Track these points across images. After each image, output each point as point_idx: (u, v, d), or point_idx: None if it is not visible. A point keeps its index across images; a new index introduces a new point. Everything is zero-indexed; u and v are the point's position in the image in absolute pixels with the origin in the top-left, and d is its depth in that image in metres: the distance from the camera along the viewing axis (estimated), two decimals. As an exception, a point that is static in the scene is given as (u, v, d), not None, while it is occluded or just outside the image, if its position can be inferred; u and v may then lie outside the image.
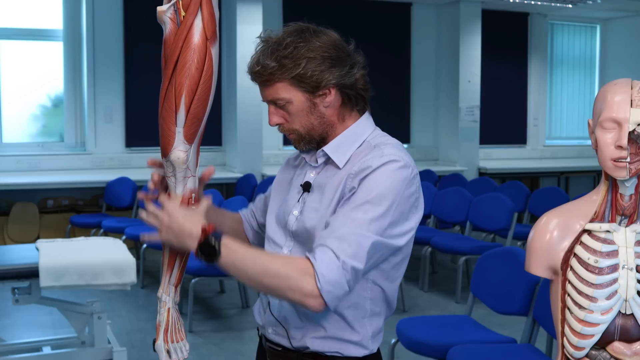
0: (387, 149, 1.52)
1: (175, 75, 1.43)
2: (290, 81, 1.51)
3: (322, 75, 1.50)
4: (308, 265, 1.40)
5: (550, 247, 1.45)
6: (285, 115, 1.55)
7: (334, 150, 1.57)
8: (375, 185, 1.46)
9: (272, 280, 1.41)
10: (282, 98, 1.53)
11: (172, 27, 1.43)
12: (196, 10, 1.42)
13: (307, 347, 1.55)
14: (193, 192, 1.53)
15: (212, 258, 1.43)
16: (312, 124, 1.55)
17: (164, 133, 1.46)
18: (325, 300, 1.40)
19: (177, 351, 1.53)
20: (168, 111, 1.45)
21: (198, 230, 1.43)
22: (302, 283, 1.39)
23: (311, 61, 1.50)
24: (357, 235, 1.42)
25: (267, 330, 1.62)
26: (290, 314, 1.57)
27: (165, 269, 1.55)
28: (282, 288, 1.41)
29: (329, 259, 1.40)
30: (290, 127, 1.56)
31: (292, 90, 1.52)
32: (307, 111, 1.54)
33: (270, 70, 1.50)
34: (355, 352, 1.55)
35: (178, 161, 1.47)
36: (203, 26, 1.43)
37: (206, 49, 1.43)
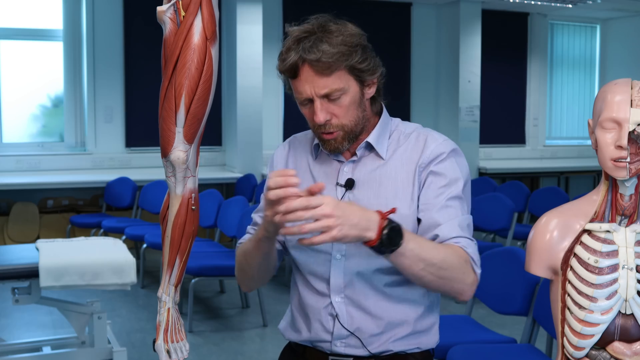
0: (434, 134, 1.56)
1: (175, 75, 1.43)
2: (347, 69, 1.44)
3: (372, 62, 1.48)
4: (464, 253, 1.43)
5: (550, 247, 1.45)
6: (334, 110, 1.46)
7: (376, 141, 1.54)
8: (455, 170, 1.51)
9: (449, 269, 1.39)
10: (340, 88, 1.43)
11: (172, 27, 1.43)
12: (196, 10, 1.42)
13: (389, 350, 1.51)
14: (193, 192, 1.53)
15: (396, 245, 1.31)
16: (358, 117, 1.49)
17: (164, 133, 1.46)
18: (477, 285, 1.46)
19: (177, 351, 1.53)
20: (168, 111, 1.45)
21: (375, 217, 1.30)
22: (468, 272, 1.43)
23: (362, 49, 1.46)
24: (466, 220, 1.49)
25: (335, 344, 1.52)
26: (364, 323, 1.51)
27: (165, 269, 1.55)
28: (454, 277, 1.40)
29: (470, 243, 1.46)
30: (339, 122, 1.46)
31: (348, 79, 1.45)
32: (357, 103, 1.48)
33: (331, 57, 1.40)
34: (429, 343, 1.56)
35: (178, 161, 1.47)
36: (203, 26, 1.43)
37: (206, 49, 1.43)
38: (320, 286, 1.54)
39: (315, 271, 1.55)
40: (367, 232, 1.28)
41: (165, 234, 1.53)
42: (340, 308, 1.51)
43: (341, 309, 1.51)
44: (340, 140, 1.49)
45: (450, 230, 1.45)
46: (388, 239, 1.29)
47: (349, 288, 1.51)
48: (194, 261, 4.25)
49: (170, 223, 1.52)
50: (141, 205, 6.23)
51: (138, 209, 6.35)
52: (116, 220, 6.00)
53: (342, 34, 1.44)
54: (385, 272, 1.50)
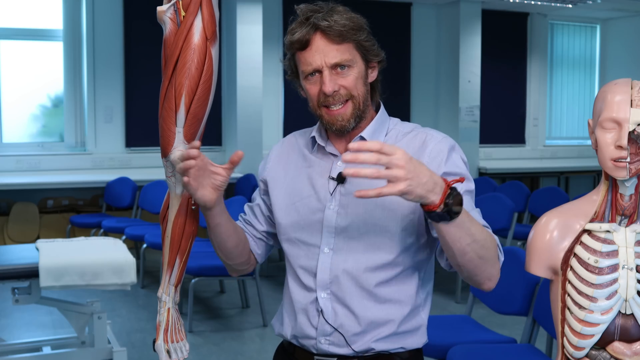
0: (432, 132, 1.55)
1: (175, 75, 1.43)
2: (356, 44, 1.49)
3: (376, 46, 1.54)
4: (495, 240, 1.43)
5: (550, 247, 1.45)
6: (342, 81, 1.48)
7: (371, 137, 1.55)
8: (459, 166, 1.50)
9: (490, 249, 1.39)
10: (350, 60, 1.48)
11: (172, 27, 1.43)
12: (196, 10, 1.42)
13: (372, 349, 1.51)
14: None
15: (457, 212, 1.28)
16: (365, 94, 1.52)
17: (164, 133, 1.46)
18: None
19: (177, 351, 1.53)
20: (168, 111, 1.45)
21: (442, 181, 1.28)
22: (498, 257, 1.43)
23: (366, 32, 1.52)
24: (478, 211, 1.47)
25: (319, 340, 1.53)
26: (347, 320, 1.51)
27: (165, 269, 1.55)
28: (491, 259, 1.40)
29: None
30: (348, 92, 1.48)
31: (356, 54, 1.50)
32: (363, 80, 1.52)
33: (342, 27, 1.45)
34: (415, 343, 1.55)
35: (178, 161, 1.47)
36: (203, 26, 1.43)
37: (206, 49, 1.43)
38: (307, 281, 1.55)
39: (304, 265, 1.55)
40: (431, 194, 1.26)
41: (165, 234, 1.53)
42: (325, 304, 1.52)
43: (326, 305, 1.52)
44: (349, 116, 1.50)
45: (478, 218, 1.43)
46: (449, 207, 1.27)
47: (334, 284, 1.51)
48: (194, 261, 4.25)
49: (170, 223, 1.52)
50: (141, 205, 6.23)
51: (138, 209, 6.35)
52: (116, 220, 6.00)
53: (349, 13, 1.51)
54: (372, 270, 1.49)
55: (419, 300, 1.55)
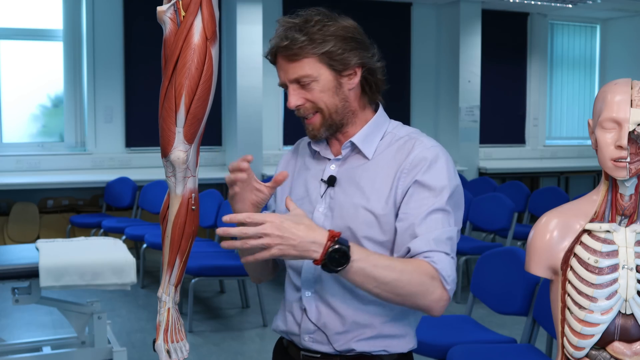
0: (424, 139, 1.54)
1: (175, 75, 1.43)
2: (318, 57, 1.49)
3: (350, 54, 1.51)
4: (433, 269, 1.41)
5: (550, 247, 1.45)
6: (308, 95, 1.51)
7: (362, 141, 1.55)
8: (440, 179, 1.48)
9: (406, 287, 1.38)
10: (308, 75, 1.49)
11: (172, 27, 1.43)
12: (196, 10, 1.42)
13: (353, 349, 1.52)
14: (193, 192, 1.53)
15: (341, 266, 1.33)
16: (336, 105, 1.52)
17: (164, 133, 1.46)
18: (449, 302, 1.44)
19: (177, 351, 1.53)
20: (168, 111, 1.45)
21: (323, 236, 1.34)
22: (432, 288, 1.40)
23: (339, 39, 1.50)
24: (447, 233, 1.45)
25: (303, 338, 1.57)
26: (330, 319, 1.53)
27: (165, 269, 1.55)
28: (414, 294, 1.39)
29: (445, 259, 1.43)
30: (313, 105, 1.51)
31: (319, 68, 1.50)
32: (332, 91, 1.51)
33: (299, 44, 1.47)
34: (400, 347, 1.54)
35: (178, 161, 1.47)
36: (203, 26, 1.43)
37: (206, 49, 1.43)
38: (296, 280, 1.60)
39: (293, 265, 1.61)
40: (308, 253, 1.33)
41: (165, 234, 1.53)
42: (309, 302, 1.55)
43: (310, 303, 1.55)
44: (318, 127, 1.53)
45: (423, 244, 1.43)
46: (331, 260, 1.32)
47: (318, 283, 1.54)
48: (194, 261, 4.25)
49: (170, 223, 1.52)
50: (141, 205, 6.23)
51: (138, 209, 6.35)
52: (116, 220, 6.00)
53: (322, 24, 1.50)
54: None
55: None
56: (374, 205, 1.49)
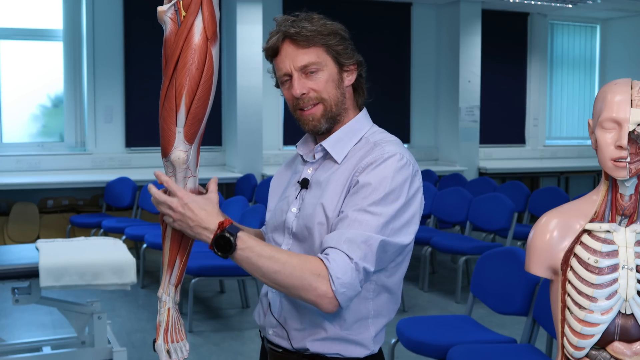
0: (387, 146, 1.53)
1: (175, 75, 1.43)
2: (325, 48, 1.53)
3: (351, 51, 1.57)
4: (322, 267, 1.41)
5: (550, 247, 1.45)
6: (312, 84, 1.54)
7: (332, 146, 1.58)
8: (381, 184, 1.46)
9: (287, 279, 1.40)
10: (317, 62, 1.53)
11: (172, 27, 1.43)
12: (197, 10, 1.42)
13: (307, 348, 1.55)
14: (193, 192, 1.53)
15: (227, 252, 1.40)
16: (337, 97, 1.56)
17: (164, 133, 1.46)
18: (339, 302, 1.41)
19: (177, 351, 1.53)
20: (168, 111, 1.45)
21: (214, 223, 1.40)
22: (316, 284, 1.40)
23: (341, 36, 1.56)
24: (366, 236, 1.43)
25: (268, 331, 1.62)
26: (291, 316, 1.56)
27: (165, 269, 1.55)
28: (296, 287, 1.41)
29: (342, 261, 1.41)
30: (318, 95, 1.54)
31: (326, 57, 1.54)
32: (335, 82, 1.56)
33: (309, 32, 1.51)
34: (356, 352, 1.55)
35: (178, 161, 1.47)
36: (203, 26, 1.43)
37: (207, 49, 1.43)
38: None
39: None
40: (201, 236, 1.41)
41: (165, 234, 1.53)
42: (273, 298, 1.60)
43: (274, 298, 1.60)
44: (319, 117, 1.56)
45: (332, 240, 1.43)
46: (217, 246, 1.39)
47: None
48: (194, 261, 4.25)
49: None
50: (141, 205, 6.23)
51: (138, 209, 6.35)
52: (116, 220, 5.99)
53: (323, 20, 1.55)
54: None
55: (364, 311, 1.54)
56: (328, 206, 1.52)
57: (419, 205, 1.54)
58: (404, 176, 1.49)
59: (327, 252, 1.43)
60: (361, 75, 1.61)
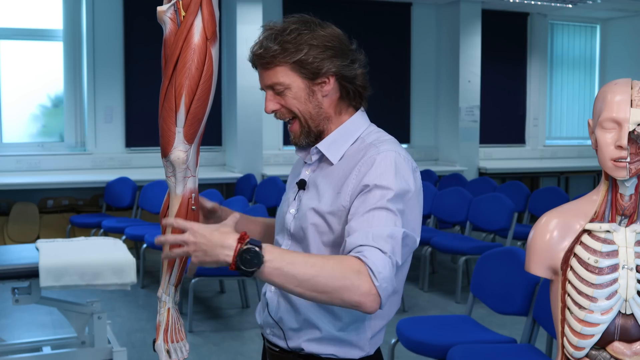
0: (382, 145, 1.52)
1: (175, 75, 1.43)
2: (290, 66, 1.52)
3: (322, 63, 1.52)
4: (361, 264, 1.35)
5: (550, 247, 1.45)
6: (282, 101, 1.55)
7: (328, 147, 1.58)
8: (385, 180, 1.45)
9: (328, 282, 1.33)
10: (281, 82, 1.52)
11: (172, 27, 1.43)
12: (196, 10, 1.42)
13: (302, 349, 1.55)
14: (193, 192, 1.53)
15: (254, 267, 1.31)
16: (309, 111, 1.55)
17: (164, 133, 1.46)
18: (381, 298, 1.36)
19: (177, 351, 1.53)
20: (168, 111, 1.45)
21: (233, 239, 1.32)
22: (359, 281, 1.33)
23: (313, 48, 1.51)
24: (389, 230, 1.40)
25: (266, 330, 1.63)
26: (287, 315, 1.56)
27: (165, 269, 1.55)
28: (338, 289, 1.33)
29: (379, 256, 1.36)
30: (289, 111, 1.55)
31: (292, 76, 1.52)
32: (305, 98, 1.54)
33: (272, 53, 1.51)
34: (351, 354, 1.54)
35: (178, 161, 1.47)
36: (203, 26, 1.43)
37: (206, 49, 1.43)
38: None
39: None
40: (220, 257, 1.32)
41: (166, 234, 1.53)
42: (271, 297, 1.61)
43: (272, 298, 1.60)
44: (298, 134, 1.58)
45: (358, 238, 1.39)
46: (243, 261, 1.30)
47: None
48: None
49: (171, 223, 1.52)
50: (141, 205, 6.23)
51: (138, 209, 6.35)
52: (116, 220, 5.99)
53: (297, 32, 1.51)
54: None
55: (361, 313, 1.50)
56: (322, 207, 1.51)
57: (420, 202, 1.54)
58: (405, 172, 1.49)
59: (358, 250, 1.38)
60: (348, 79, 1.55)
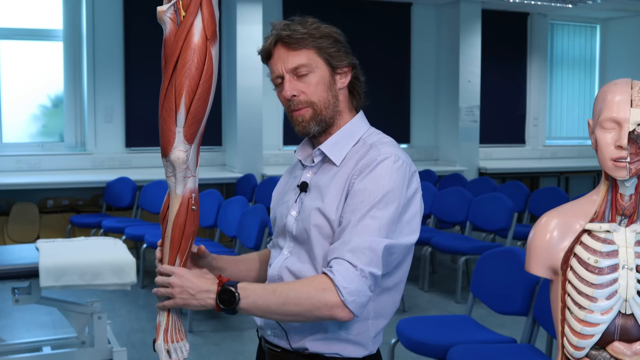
0: (383, 147, 1.54)
1: (175, 75, 1.43)
2: (317, 50, 1.54)
3: (343, 54, 1.57)
4: (326, 281, 1.43)
5: (550, 247, 1.45)
6: (303, 87, 1.55)
7: (330, 149, 1.59)
8: (378, 186, 1.47)
9: (296, 305, 1.43)
10: (307, 64, 1.54)
11: (172, 27, 1.43)
12: (196, 10, 1.42)
13: (306, 348, 1.55)
14: (193, 192, 1.53)
15: (233, 304, 1.42)
16: (328, 100, 1.57)
17: (164, 133, 1.46)
18: (351, 310, 1.43)
19: (177, 351, 1.53)
20: (168, 111, 1.45)
21: (214, 284, 1.44)
22: (324, 298, 1.42)
23: (334, 40, 1.56)
24: (369, 242, 1.44)
25: (267, 332, 1.63)
26: None
27: (165, 269, 1.55)
28: (308, 309, 1.43)
29: (346, 270, 1.42)
30: (307, 98, 1.56)
31: (317, 60, 1.55)
32: (327, 85, 1.56)
33: (301, 35, 1.53)
34: (355, 352, 1.55)
35: (178, 161, 1.47)
36: (203, 26, 1.43)
37: (206, 49, 1.43)
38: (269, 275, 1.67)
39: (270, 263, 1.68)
40: (205, 301, 1.44)
41: (165, 234, 1.53)
42: None
43: None
44: (308, 120, 1.57)
45: (336, 250, 1.46)
46: (222, 301, 1.42)
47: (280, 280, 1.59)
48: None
49: (170, 223, 1.52)
50: (141, 205, 6.23)
51: (138, 209, 6.35)
52: (116, 220, 5.99)
53: (318, 24, 1.56)
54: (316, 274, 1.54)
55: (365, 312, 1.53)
56: (328, 208, 1.52)
57: (419, 206, 1.54)
58: (401, 177, 1.49)
59: (330, 264, 1.45)
60: (357, 78, 1.61)
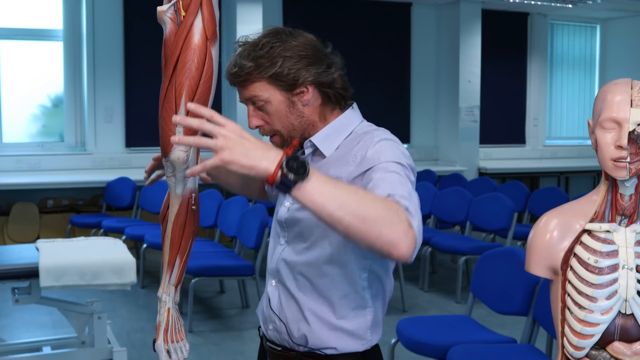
0: (376, 132, 1.54)
1: (175, 75, 1.43)
2: (267, 80, 1.51)
3: (298, 73, 1.51)
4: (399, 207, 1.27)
5: (550, 247, 1.45)
6: (265, 116, 1.55)
7: (322, 141, 1.58)
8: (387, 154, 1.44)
9: (370, 209, 1.23)
10: (259, 95, 1.52)
11: (172, 27, 1.43)
12: (196, 10, 1.42)
13: (307, 340, 1.55)
14: (193, 192, 1.53)
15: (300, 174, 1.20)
16: (292, 124, 1.55)
17: (164, 133, 1.46)
18: (416, 243, 1.26)
19: (177, 351, 1.53)
20: (168, 111, 1.45)
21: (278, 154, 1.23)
22: (398, 218, 1.24)
23: (287, 60, 1.50)
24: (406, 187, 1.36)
25: (268, 327, 1.63)
26: (289, 308, 1.58)
27: (165, 269, 1.55)
28: (380, 220, 1.22)
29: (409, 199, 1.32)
30: (271, 128, 1.56)
31: (269, 90, 1.52)
32: (286, 110, 1.54)
33: (247, 70, 1.50)
34: (353, 346, 1.55)
35: (178, 161, 1.47)
36: (203, 26, 1.43)
37: (206, 49, 1.43)
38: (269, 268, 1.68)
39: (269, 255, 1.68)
40: (261, 162, 1.21)
41: (165, 234, 1.53)
42: (273, 292, 1.62)
43: (274, 292, 1.62)
44: (281, 144, 1.58)
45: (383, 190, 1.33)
46: (288, 168, 1.20)
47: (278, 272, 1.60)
48: (194, 261, 4.25)
49: (170, 223, 1.52)
50: (141, 205, 6.23)
51: (138, 209, 6.35)
52: (116, 220, 5.99)
53: (269, 46, 1.50)
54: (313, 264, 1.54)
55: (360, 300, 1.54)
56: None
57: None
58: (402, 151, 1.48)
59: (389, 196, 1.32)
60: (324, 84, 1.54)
